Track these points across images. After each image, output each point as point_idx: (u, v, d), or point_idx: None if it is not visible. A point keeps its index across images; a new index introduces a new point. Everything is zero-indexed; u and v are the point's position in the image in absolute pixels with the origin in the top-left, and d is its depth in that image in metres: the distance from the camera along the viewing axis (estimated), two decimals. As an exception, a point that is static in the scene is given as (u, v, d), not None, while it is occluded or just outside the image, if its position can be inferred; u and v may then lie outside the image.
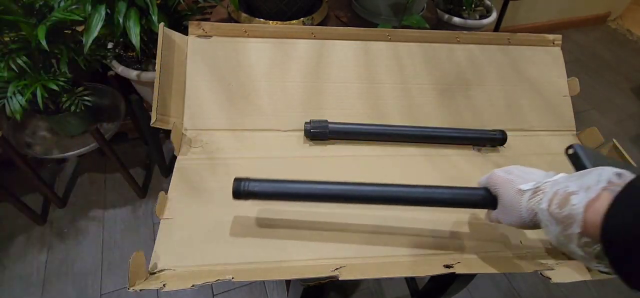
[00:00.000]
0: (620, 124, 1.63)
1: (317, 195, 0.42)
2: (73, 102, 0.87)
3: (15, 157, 0.90)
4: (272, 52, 0.60)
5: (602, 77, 1.86)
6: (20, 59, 0.75)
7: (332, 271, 0.42)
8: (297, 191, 0.42)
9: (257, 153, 0.55)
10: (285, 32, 0.60)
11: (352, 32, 0.61)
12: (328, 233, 0.47)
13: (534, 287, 1.03)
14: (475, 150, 0.60)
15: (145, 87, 0.97)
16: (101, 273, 0.99)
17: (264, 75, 0.59)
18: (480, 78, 0.64)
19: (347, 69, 0.61)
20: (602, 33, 2.20)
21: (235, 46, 0.59)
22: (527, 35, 0.65)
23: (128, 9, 0.76)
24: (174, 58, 0.55)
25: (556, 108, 0.65)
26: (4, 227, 1.07)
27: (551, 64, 0.66)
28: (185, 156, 0.53)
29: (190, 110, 0.56)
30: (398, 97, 0.61)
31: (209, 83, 0.58)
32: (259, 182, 0.42)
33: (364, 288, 1.00)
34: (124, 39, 0.79)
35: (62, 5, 0.76)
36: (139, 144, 1.31)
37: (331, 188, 0.42)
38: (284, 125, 0.58)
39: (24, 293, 0.95)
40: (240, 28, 0.59)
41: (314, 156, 0.56)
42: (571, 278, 0.43)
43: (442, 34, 0.63)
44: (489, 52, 0.64)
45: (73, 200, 1.16)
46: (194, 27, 0.59)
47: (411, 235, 0.47)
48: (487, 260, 0.45)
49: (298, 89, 0.60)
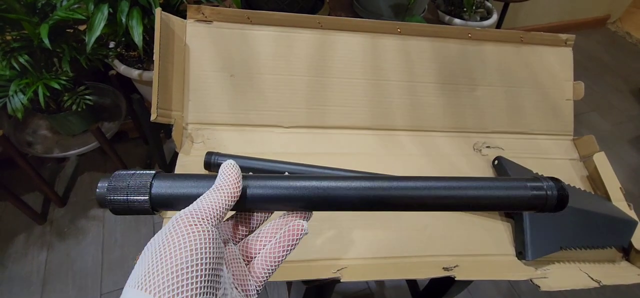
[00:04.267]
0: (619, 126, 1.63)
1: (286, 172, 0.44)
2: (74, 101, 0.87)
3: (16, 156, 0.90)
4: (276, 42, 0.58)
5: (602, 80, 1.87)
6: (22, 57, 0.75)
7: (334, 272, 0.42)
8: (265, 168, 0.43)
9: (259, 149, 0.55)
10: (291, 20, 0.57)
11: (360, 23, 0.59)
12: (329, 233, 0.47)
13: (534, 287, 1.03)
14: (475, 150, 0.60)
15: (146, 87, 0.97)
16: (101, 273, 0.99)
17: (268, 66, 0.57)
18: (488, 78, 0.63)
19: (353, 63, 0.59)
20: (601, 36, 2.20)
21: (238, 34, 0.57)
22: (540, 34, 0.64)
23: (131, 8, 0.76)
24: (173, 46, 0.53)
25: (557, 112, 0.65)
26: (4, 226, 1.07)
27: (560, 65, 0.65)
28: (187, 154, 0.53)
29: (191, 102, 0.55)
30: (403, 96, 0.61)
31: (210, 73, 0.56)
32: (229, 157, 0.43)
33: (364, 288, 1.00)
34: (126, 38, 0.79)
35: (64, 4, 0.76)
36: (140, 144, 1.31)
37: (304, 170, 0.43)
38: (287, 122, 0.58)
39: (24, 293, 0.94)
40: (243, 14, 0.56)
41: (316, 153, 0.56)
42: (561, 286, 0.43)
43: (453, 30, 0.62)
44: (500, 51, 0.63)
45: (73, 199, 1.15)
46: (193, 11, 0.55)
47: (411, 235, 0.47)
48: (484, 265, 0.46)
49: (302, 84, 0.58)
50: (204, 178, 0.23)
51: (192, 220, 0.20)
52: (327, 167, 0.50)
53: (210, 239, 0.19)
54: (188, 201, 0.21)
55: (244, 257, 0.24)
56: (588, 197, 0.53)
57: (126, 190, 0.22)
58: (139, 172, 0.23)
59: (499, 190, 0.25)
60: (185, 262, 0.18)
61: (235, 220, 0.25)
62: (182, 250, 0.18)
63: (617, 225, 0.49)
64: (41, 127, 1.02)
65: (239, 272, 0.23)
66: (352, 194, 0.24)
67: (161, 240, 0.19)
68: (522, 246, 0.46)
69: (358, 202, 0.24)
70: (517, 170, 0.54)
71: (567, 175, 0.59)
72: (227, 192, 0.22)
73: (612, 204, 0.52)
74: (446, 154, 0.59)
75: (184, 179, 0.23)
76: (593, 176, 0.58)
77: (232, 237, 0.25)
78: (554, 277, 0.45)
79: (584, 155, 0.61)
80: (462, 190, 0.25)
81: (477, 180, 0.26)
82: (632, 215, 0.51)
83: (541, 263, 0.46)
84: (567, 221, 0.46)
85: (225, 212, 0.22)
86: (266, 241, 0.24)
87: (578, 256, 0.48)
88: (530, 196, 0.25)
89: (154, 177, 0.23)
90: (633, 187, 1.38)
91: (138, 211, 0.23)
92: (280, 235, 0.24)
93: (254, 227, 0.26)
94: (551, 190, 0.25)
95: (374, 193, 0.24)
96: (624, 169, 1.46)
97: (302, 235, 0.24)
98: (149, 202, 0.22)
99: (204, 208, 0.21)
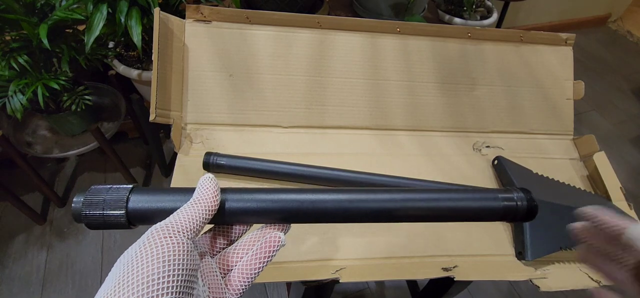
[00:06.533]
0: (620, 126, 1.63)
1: (283, 173, 0.44)
2: (74, 102, 0.87)
3: (15, 156, 0.90)
4: (276, 42, 0.58)
5: (603, 79, 1.87)
6: (22, 57, 0.75)
7: (333, 273, 0.42)
8: (263, 168, 0.43)
9: (258, 149, 0.55)
10: (290, 20, 0.57)
11: (360, 23, 0.59)
12: (328, 234, 0.46)
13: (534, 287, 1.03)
14: (474, 150, 0.60)
15: (146, 87, 0.97)
16: (101, 273, 0.99)
17: (267, 66, 0.57)
18: (487, 77, 0.63)
19: (352, 63, 0.59)
20: (602, 34, 2.20)
21: (237, 34, 0.57)
22: (540, 34, 0.64)
23: (130, 8, 0.76)
24: (172, 46, 0.53)
25: (558, 111, 0.65)
26: (4, 227, 1.07)
27: (560, 64, 0.65)
28: (186, 154, 0.53)
29: (190, 102, 0.55)
30: (402, 96, 0.61)
31: (209, 73, 0.56)
32: (228, 157, 0.44)
33: (364, 288, 1.00)
34: (126, 38, 0.79)
35: (63, 4, 0.76)
36: (139, 144, 1.31)
37: (301, 170, 0.43)
38: (286, 122, 0.58)
39: (24, 293, 0.95)
40: (242, 14, 0.56)
41: (316, 153, 0.56)
42: (560, 286, 0.43)
43: (453, 29, 0.62)
44: (500, 50, 0.63)
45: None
46: (191, 11, 0.55)
47: (410, 236, 0.47)
48: (484, 265, 0.46)
49: (301, 83, 0.58)
50: (182, 191, 0.23)
51: (167, 232, 0.19)
52: (327, 167, 0.50)
53: (185, 251, 0.19)
54: (165, 215, 0.21)
55: (222, 269, 0.24)
56: (588, 197, 0.53)
57: (102, 205, 0.22)
58: (116, 187, 0.23)
59: (472, 202, 0.26)
60: (157, 273, 0.17)
61: (213, 233, 0.25)
62: (154, 262, 0.18)
63: (617, 225, 0.48)
64: (40, 127, 1.02)
65: (214, 285, 0.22)
66: (328, 206, 0.25)
67: (134, 252, 0.19)
68: (521, 246, 0.46)
69: (334, 215, 0.25)
70: (517, 170, 0.54)
71: (567, 174, 0.59)
72: (204, 205, 0.22)
73: (613, 204, 0.52)
74: (446, 154, 0.59)
75: (161, 193, 0.23)
76: (593, 176, 0.58)
77: (210, 250, 0.25)
78: (553, 277, 0.45)
79: (584, 155, 0.61)
80: (436, 202, 0.26)
81: (451, 191, 0.27)
82: (632, 215, 0.51)
83: (541, 264, 0.46)
84: (567, 221, 0.46)
85: (202, 225, 0.21)
86: (243, 253, 0.24)
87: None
88: (501, 207, 0.26)
89: (131, 191, 0.23)
90: (633, 186, 1.38)
91: (114, 225, 0.23)
92: (257, 247, 0.24)
93: (234, 239, 0.26)
94: (521, 201, 0.27)
95: (350, 206, 0.25)
96: (624, 169, 1.45)
97: (279, 247, 0.24)
98: (125, 216, 0.22)
99: (180, 221, 0.20)
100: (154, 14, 0.50)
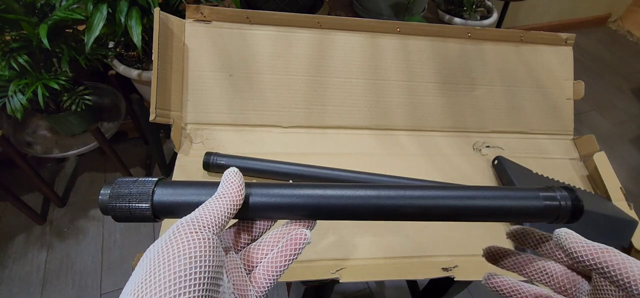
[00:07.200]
0: (620, 126, 1.63)
1: (283, 173, 0.44)
2: (74, 101, 0.87)
3: (15, 156, 0.90)
4: (275, 42, 0.58)
5: (603, 79, 1.87)
6: (22, 57, 0.75)
7: (333, 273, 0.42)
8: (263, 168, 0.43)
9: (258, 149, 0.55)
10: (290, 20, 0.57)
11: (360, 22, 0.59)
12: (328, 234, 0.46)
13: (534, 288, 1.03)
14: (474, 150, 0.60)
15: (146, 86, 0.97)
16: (101, 273, 0.99)
17: (267, 66, 0.57)
18: (487, 77, 0.63)
19: (352, 63, 0.59)
20: (602, 34, 2.20)
21: (237, 34, 0.57)
22: (540, 34, 0.64)
23: (129, 8, 0.76)
24: (172, 46, 0.53)
25: (558, 111, 0.65)
26: (4, 226, 1.07)
27: (560, 64, 0.65)
28: (185, 154, 0.53)
29: (190, 102, 0.55)
30: (402, 96, 0.61)
31: (209, 73, 0.56)
32: (228, 157, 0.45)
33: (364, 288, 1.00)
34: (126, 38, 0.79)
35: (63, 4, 0.76)
36: (139, 144, 1.31)
37: (301, 170, 0.43)
38: (286, 122, 0.58)
39: (24, 293, 0.95)
40: (242, 14, 0.56)
41: (316, 153, 0.56)
42: None
43: (453, 29, 0.62)
44: (500, 50, 0.63)
45: (73, 199, 1.15)
46: (191, 11, 0.55)
47: (410, 236, 0.47)
48: (484, 265, 0.45)
49: (301, 83, 0.58)
50: (207, 185, 0.23)
51: (193, 227, 0.19)
52: (327, 167, 0.50)
53: (211, 247, 0.19)
54: (190, 209, 0.21)
55: (246, 265, 0.24)
56: (588, 196, 0.53)
57: (128, 197, 0.22)
58: (142, 180, 0.23)
59: (509, 200, 0.24)
60: (184, 270, 0.17)
61: (237, 228, 0.25)
62: (181, 258, 0.18)
63: (617, 225, 0.48)
64: (40, 127, 1.02)
65: (239, 281, 0.22)
66: (357, 204, 0.23)
67: (160, 248, 0.18)
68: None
69: (364, 212, 0.24)
70: (517, 170, 0.54)
71: (567, 174, 0.59)
72: (229, 200, 0.21)
73: (613, 204, 0.52)
74: (446, 154, 0.59)
75: (186, 186, 0.23)
76: (593, 176, 0.58)
77: (234, 246, 0.24)
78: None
79: (584, 155, 0.61)
80: (471, 200, 0.24)
81: (487, 189, 0.25)
82: (632, 215, 0.51)
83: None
84: None
85: (228, 220, 0.21)
86: (268, 250, 0.24)
87: (578, 256, 0.48)
88: (542, 206, 0.24)
89: (157, 184, 0.23)
90: (633, 186, 1.38)
91: (140, 218, 0.23)
92: (282, 243, 0.23)
93: (257, 235, 0.25)
94: (565, 200, 0.24)
95: (380, 203, 0.23)
96: (624, 169, 1.45)
97: (305, 244, 0.23)
98: (151, 209, 0.22)
99: (206, 215, 0.20)
100: (154, 14, 0.50)
